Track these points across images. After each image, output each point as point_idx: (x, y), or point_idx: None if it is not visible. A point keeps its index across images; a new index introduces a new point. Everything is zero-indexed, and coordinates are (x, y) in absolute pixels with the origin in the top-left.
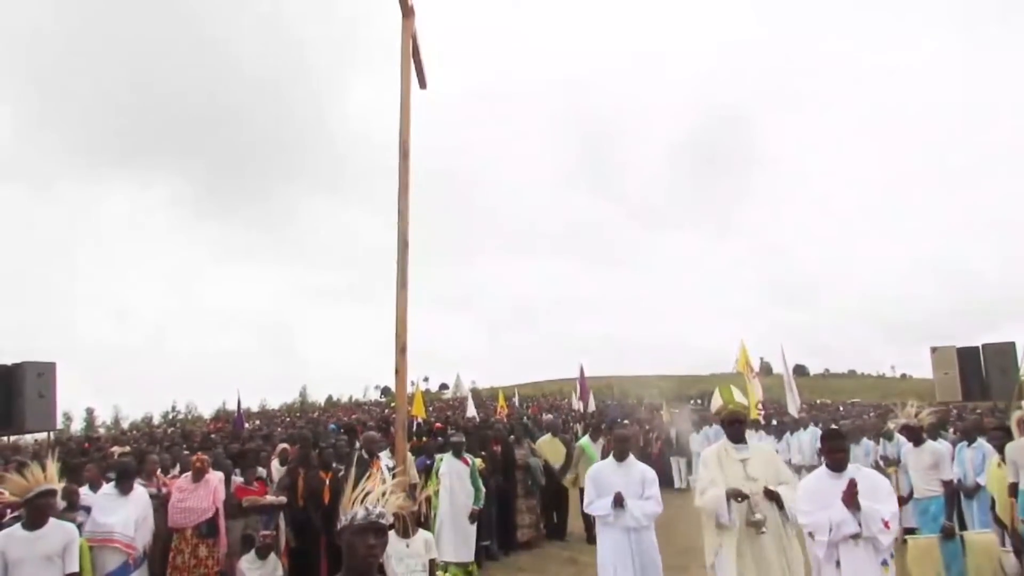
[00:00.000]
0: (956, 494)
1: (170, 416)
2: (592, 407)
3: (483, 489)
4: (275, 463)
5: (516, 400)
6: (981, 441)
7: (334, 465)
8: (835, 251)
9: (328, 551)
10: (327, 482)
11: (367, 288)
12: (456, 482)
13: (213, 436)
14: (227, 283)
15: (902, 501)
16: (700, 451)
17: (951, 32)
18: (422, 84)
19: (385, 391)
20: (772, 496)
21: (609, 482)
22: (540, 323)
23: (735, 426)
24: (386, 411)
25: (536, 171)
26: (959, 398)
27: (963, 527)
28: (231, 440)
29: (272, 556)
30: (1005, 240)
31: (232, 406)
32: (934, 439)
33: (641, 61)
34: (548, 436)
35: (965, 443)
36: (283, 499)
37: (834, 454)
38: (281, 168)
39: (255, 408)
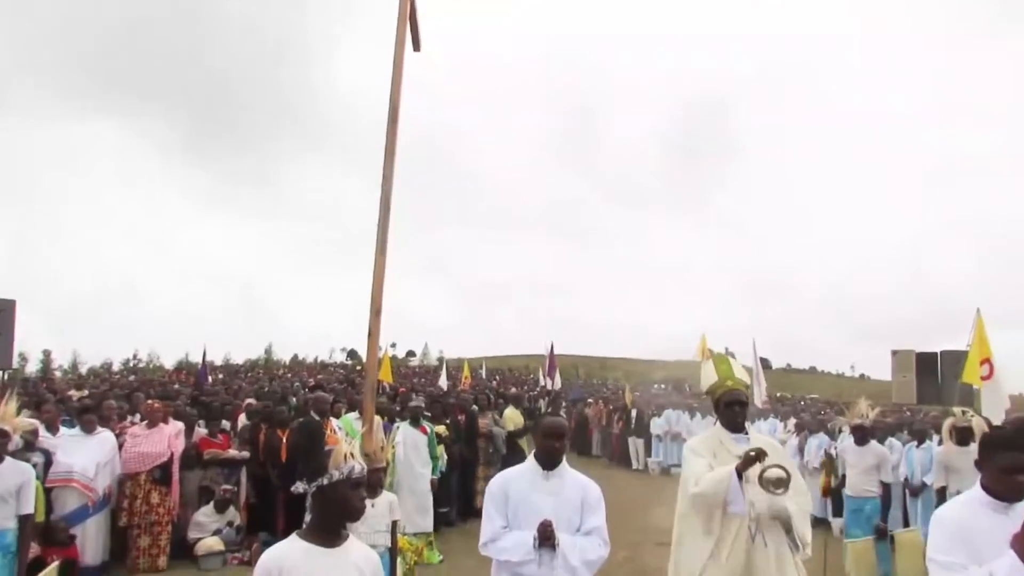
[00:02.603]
0: (897, 495)
1: (131, 364)
2: (558, 385)
3: (443, 458)
4: (242, 418)
5: (483, 372)
6: (930, 443)
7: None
8: (806, 249)
9: (286, 506)
10: (284, 440)
11: (343, 250)
12: (412, 452)
13: (177, 386)
14: (201, 233)
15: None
16: (659, 434)
17: (927, 34)
18: (416, 47)
19: (351, 354)
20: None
21: (528, 503)
22: (512, 298)
23: (734, 409)
24: (351, 374)
25: (518, 147)
26: (914, 401)
27: (907, 525)
28: (195, 391)
29: (231, 509)
30: (975, 248)
31: (195, 358)
32: (881, 442)
33: (625, 42)
34: (510, 408)
35: (915, 443)
36: (245, 454)
37: (1012, 476)
38: (266, 123)
39: (219, 362)
